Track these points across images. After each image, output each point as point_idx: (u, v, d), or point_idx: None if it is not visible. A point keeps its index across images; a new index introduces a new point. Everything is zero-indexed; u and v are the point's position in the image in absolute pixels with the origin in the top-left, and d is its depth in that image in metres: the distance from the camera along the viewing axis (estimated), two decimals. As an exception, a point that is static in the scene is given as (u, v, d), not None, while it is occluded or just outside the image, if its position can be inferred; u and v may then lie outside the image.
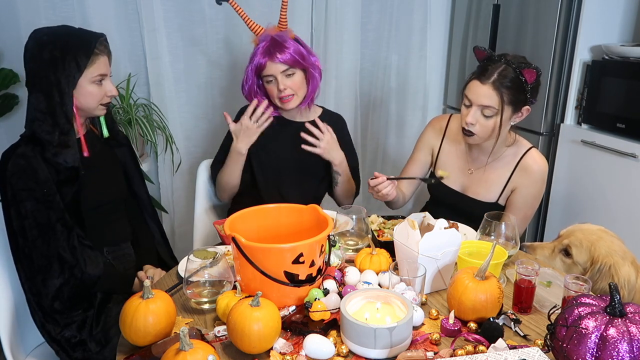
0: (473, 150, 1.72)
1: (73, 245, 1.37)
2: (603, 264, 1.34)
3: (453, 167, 1.76)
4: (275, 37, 1.75)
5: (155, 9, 2.27)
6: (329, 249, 1.27)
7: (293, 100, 1.79)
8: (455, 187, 1.76)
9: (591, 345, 0.85)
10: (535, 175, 1.64)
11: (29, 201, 1.33)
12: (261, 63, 1.74)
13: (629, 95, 2.11)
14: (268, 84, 1.78)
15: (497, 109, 1.52)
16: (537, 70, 1.50)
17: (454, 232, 1.23)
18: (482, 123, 1.55)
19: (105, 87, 1.42)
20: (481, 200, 1.70)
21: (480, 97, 1.52)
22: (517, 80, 1.51)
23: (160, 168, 2.48)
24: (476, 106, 1.54)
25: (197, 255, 1.22)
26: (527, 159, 1.65)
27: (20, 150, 1.34)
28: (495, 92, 1.50)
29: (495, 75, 1.51)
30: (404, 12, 2.76)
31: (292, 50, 1.74)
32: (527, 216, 1.69)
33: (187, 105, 2.49)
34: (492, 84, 1.50)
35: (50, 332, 1.38)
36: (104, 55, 1.41)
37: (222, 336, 1.06)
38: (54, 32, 1.37)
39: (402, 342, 1.00)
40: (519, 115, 1.59)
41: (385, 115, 2.92)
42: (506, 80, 1.50)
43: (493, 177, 1.69)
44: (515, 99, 1.53)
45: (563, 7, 2.27)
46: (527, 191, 1.65)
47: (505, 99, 1.50)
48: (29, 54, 1.36)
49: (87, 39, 1.38)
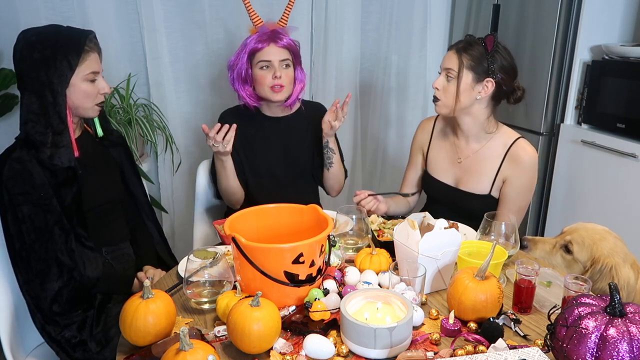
0: (460, 140, 1.76)
1: (71, 248, 1.37)
2: (604, 264, 1.34)
3: (443, 161, 1.80)
4: (276, 29, 1.77)
5: (155, 9, 2.27)
6: (329, 249, 1.27)
7: (283, 91, 1.79)
8: (448, 180, 1.79)
9: (591, 345, 0.85)
10: (524, 165, 1.66)
11: (26, 205, 1.32)
12: (261, 47, 1.74)
13: (629, 95, 2.11)
14: (261, 70, 1.76)
15: (457, 71, 1.61)
16: (494, 36, 1.61)
17: (454, 232, 1.23)
18: (445, 88, 1.65)
19: (98, 85, 1.42)
20: (474, 192, 1.72)
21: (444, 61, 1.65)
22: (479, 48, 1.61)
23: (160, 168, 2.48)
24: (442, 71, 1.66)
25: (197, 255, 1.22)
26: (515, 148, 1.67)
27: (15, 155, 1.33)
28: (456, 55, 1.62)
29: (462, 44, 1.64)
30: (404, 12, 2.76)
31: (292, 42, 1.79)
32: (521, 207, 1.70)
33: (187, 105, 2.49)
34: (456, 50, 1.63)
35: (50, 332, 1.38)
36: (94, 52, 1.40)
37: (222, 336, 1.06)
38: (43, 31, 1.36)
39: (402, 342, 1.00)
40: (482, 87, 1.62)
41: (385, 115, 2.92)
42: (469, 47, 1.62)
43: (483, 168, 1.71)
44: (475, 64, 1.60)
45: (563, 7, 2.27)
46: (519, 181, 1.67)
47: (464, 62, 1.60)
48: (18, 55, 1.34)
49: (77, 36, 1.37)
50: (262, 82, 1.77)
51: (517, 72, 1.67)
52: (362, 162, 2.95)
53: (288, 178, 1.89)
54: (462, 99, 1.63)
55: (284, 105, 1.86)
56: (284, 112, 1.91)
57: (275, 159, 1.88)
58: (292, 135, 1.90)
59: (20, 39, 1.36)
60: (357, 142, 2.88)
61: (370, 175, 3.01)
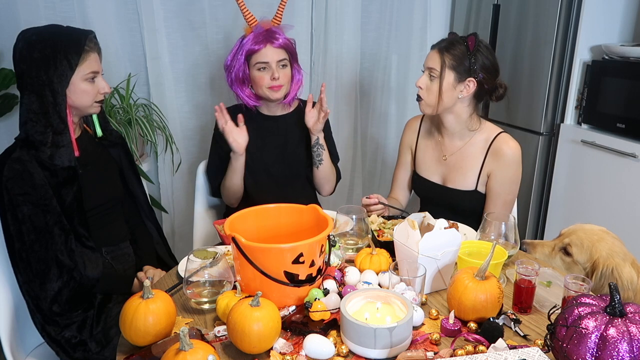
0: (445, 137, 1.78)
1: (71, 248, 1.37)
2: (605, 266, 1.34)
3: (430, 160, 1.82)
4: (270, 28, 1.77)
5: (155, 9, 2.27)
6: (329, 249, 1.27)
7: (281, 90, 1.80)
8: (435, 179, 1.80)
9: (591, 345, 0.85)
10: (507, 158, 1.67)
11: (26, 206, 1.32)
12: (257, 48, 1.74)
13: (629, 95, 2.11)
14: (259, 71, 1.77)
15: (439, 70, 1.61)
16: (475, 35, 1.62)
17: (454, 232, 1.23)
18: (428, 87, 1.65)
19: (98, 85, 1.42)
20: (460, 189, 1.73)
21: (427, 60, 1.66)
22: (461, 48, 1.61)
23: (160, 168, 2.48)
24: (425, 70, 1.66)
25: (197, 255, 1.22)
26: (497, 142, 1.69)
27: (15, 155, 1.33)
28: (438, 54, 1.63)
29: (444, 43, 1.64)
30: (404, 12, 2.76)
31: (287, 41, 1.79)
32: (507, 202, 1.71)
33: (187, 105, 2.49)
34: (439, 49, 1.64)
35: (50, 332, 1.38)
36: (94, 52, 1.40)
37: (222, 336, 1.06)
38: (43, 31, 1.36)
39: (402, 342, 1.00)
40: (464, 86, 1.63)
41: (385, 116, 2.92)
42: (451, 47, 1.62)
43: (467, 164, 1.73)
44: (457, 64, 1.60)
45: (563, 7, 2.28)
46: (502, 175, 1.68)
47: (447, 62, 1.61)
48: (18, 55, 1.34)
49: (77, 36, 1.37)
50: (260, 83, 1.78)
51: (499, 70, 1.68)
52: (362, 162, 2.95)
53: (285, 177, 1.89)
54: (444, 98, 1.63)
55: (282, 102, 1.87)
56: (283, 111, 1.91)
57: (272, 157, 1.88)
58: (289, 134, 1.90)
59: (20, 38, 1.36)
60: (356, 142, 2.88)
61: (370, 175, 3.01)
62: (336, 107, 2.74)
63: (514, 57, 2.53)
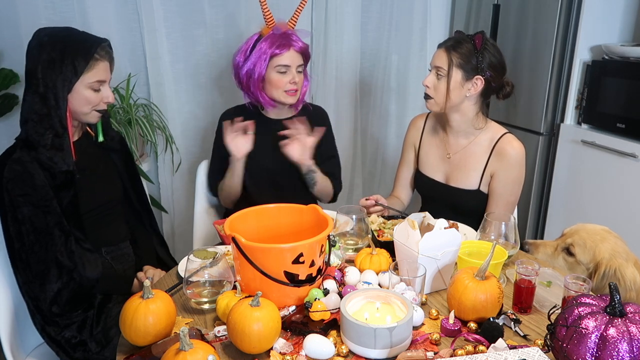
0: (449, 136, 1.78)
1: (71, 249, 1.37)
2: (608, 267, 1.34)
3: (433, 158, 1.82)
4: (287, 31, 1.78)
5: (155, 9, 2.27)
6: (329, 249, 1.27)
7: (296, 95, 1.82)
8: (438, 177, 1.80)
9: (591, 345, 0.85)
10: (511, 159, 1.66)
11: (26, 207, 1.32)
12: (280, 52, 1.73)
13: (629, 95, 2.11)
14: (279, 74, 1.76)
15: (446, 69, 1.62)
16: (482, 33, 1.62)
17: (454, 232, 1.23)
18: (436, 86, 1.66)
19: (102, 94, 1.41)
20: (463, 188, 1.73)
21: (434, 60, 1.66)
22: (468, 46, 1.61)
23: (160, 168, 2.48)
24: (432, 69, 1.67)
25: (197, 255, 1.22)
26: (501, 143, 1.69)
27: (16, 156, 1.33)
28: (445, 53, 1.63)
29: (451, 42, 1.64)
30: (404, 12, 2.76)
31: (306, 46, 1.81)
32: (509, 203, 1.71)
33: (187, 105, 2.49)
34: (445, 48, 1.64)
35: (50, 333, 1.38)
36: (104, 61, 1.39)
37: (222, 336, 1.06)
38: (56, 33, 1.36)
39: (402, 342, 1.00)
40: (472, 84, 1.63)
41: (385, 116, 2.92)
42: (458, 45, 1.62)
43: (471, 163, 1.72)
44: (464, 62, 1.61)
45: (563, 7, 2.28)
46: (505, 175, 1.68)
47: (454, 61, 1.61)
48: (29, 53, 1.35)
49: (89, 43, 1.36)
50: (277, 86, 1.78)
51: (506, 68, 1.68)
52: (362, 162, 2.95)
53: (285, 179, 1.89)
54: (452, 97, 1.64)
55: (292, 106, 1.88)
56: (289, 114, 1.91)
57: (272, 159, 1.88)
58: None
59: (34, 36, 1.36)
60: (357, 142, 2.88)
61: (370, 175, 3.01)
62: (336, 107, 2.74)
63: (514, 57, 2.52)
